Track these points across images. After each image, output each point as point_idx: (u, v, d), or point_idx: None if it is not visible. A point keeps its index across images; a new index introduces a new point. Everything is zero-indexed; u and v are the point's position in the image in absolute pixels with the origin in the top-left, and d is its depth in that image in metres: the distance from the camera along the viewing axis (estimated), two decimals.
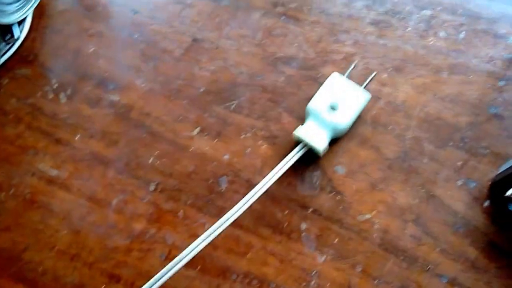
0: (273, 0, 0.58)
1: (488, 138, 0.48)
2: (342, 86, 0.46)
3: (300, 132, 0.45)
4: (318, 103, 0.45)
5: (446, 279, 0.43)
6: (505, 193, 0.43)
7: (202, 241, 0.42)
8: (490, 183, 0.46)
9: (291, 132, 0.50)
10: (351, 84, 0.46)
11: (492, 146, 0.48)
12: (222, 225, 0.43)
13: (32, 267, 0.46)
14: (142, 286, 0.43)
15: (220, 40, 0.56)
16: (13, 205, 0.49)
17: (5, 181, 0.50)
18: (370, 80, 0.46)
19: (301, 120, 0.50)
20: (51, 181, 0.50)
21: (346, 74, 0.46)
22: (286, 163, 0.44)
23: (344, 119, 0.45)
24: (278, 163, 0.45)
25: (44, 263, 0.46)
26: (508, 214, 0.44)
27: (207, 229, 0.43)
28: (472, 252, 0.43)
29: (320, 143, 0.44)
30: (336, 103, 0.45)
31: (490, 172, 0.46)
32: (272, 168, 0.45)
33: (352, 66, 0.46)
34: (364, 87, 0.47)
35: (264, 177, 0.44)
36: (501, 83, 0.50)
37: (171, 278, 0.43)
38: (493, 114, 0.49)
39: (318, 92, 0.46)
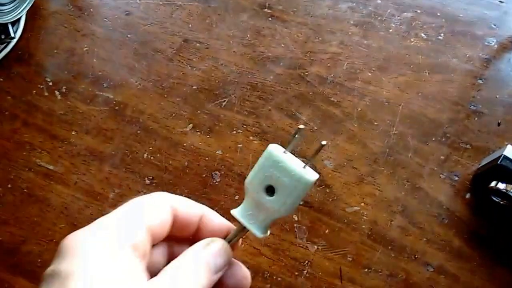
0: (260, 2, 0.57)
1: (469, 134, 0.48)
2: (282, 163, 0.29)
3: (237, 212, 0.32)
4: (254, 182, 0.31)
5: (433, 268, 0.42)
6: (487, 185, 0.42)
7: None
8: (471, 176, 0.46)
9: (281, 128, 0.49)
10: (293, 162, 0.29)
11: (473, 141, 0.48)
12: None
13: (30, 260, 0.45)
14: None
15: (210, 40, 0.55)
16: (11, 199, 0.48)
17: (3, 176, 0.49)
18: (316, 153, 0.29)
19: (290, 117, 0.50)
20: (48, 175, 0.48)
21: (289, 148, 0.29)
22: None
23: (281, 208, 0.30)
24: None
25: (43, 255, 0.45)
26: (491, 204, 0.44)
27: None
28: (456, 242, 0.43)
29: (258, 228, 0.31)
30: (273, 185, 0.30)
31: (472, 166, 0.46)
32: None
33: (294, 140, 0.29)
34: (308, 165, 0.29)
35: None
36: (480, 82, 0.51)
37: None
38: (473, 111, 0.49)
39: (255, 167, 0.31)
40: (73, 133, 0.50)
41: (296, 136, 0.29)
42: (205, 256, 0.31)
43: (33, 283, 0.44)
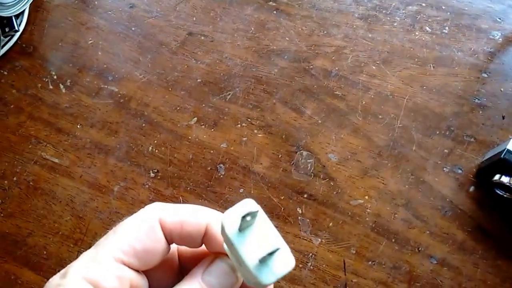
0: None
1: (473, 127, 0.48)
2: (236, 249, 0.23)
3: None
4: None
5: (436, 260, 0.43)
6: (490, 178, 0.43)
7: None
8: (475, 169, 0.46)
9: (286, 122, 0.50)
10: (249, 249, 0.23)
11: (477, 134, 0.48)
12: None
13: (36, 252, 0.46)
14: None
15: (214, 34, 0.56)
16: (17, 193, 0.48)
17: (9, 169, 0.49)
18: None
19: (295, 110, 0.50)
20: (53, 169, 0.49)
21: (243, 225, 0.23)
22: None
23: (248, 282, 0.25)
24: (274, 151, 0.44)
25: (48, 247, 0.46)
26: (494, 197, 0.44)
27: None
28: (460, 235, 0.44)
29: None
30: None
31: (475, 159, 0.47)
32: (268, 156, 0.44)
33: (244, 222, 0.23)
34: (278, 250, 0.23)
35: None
36: (484, 75, 0.51)
37: None
38: (477, 104, 0.50)
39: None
40: (78, 126, 0.51)
41: (248, 219, 0.22)
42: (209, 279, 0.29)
43: (39, 275, 0.45)
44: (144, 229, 0.28)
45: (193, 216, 0.29)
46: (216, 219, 0.29)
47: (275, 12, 0.57)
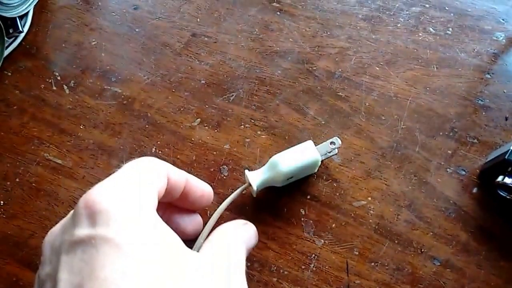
0: None
1: (476, 128, 0.49)
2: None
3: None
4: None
5: (439, 262, 0.43)
6: (494, 180, 0.43)
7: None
8: (479, 170, 0.46)
9: (289, 123, 0.50)
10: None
11: (480, 135, 0.48)
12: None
13: (38, 253, 0.46)
14: None
15: (218, 35, 0.56)
16: (19, 194, 0.49)
17: (11, 170, 0.50)
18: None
19: (298, 111, 0.51)
20: (56, 170, 0.50)
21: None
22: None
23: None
24: (277, 152, 0.45)
25: None
26: (498, 199, 0.45)
27: (210, 216, 0.43)
28: (463, 236, 0.44)
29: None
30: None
31: (479, 160, 0.47)
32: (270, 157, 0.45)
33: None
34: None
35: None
36: (488, 76, 0.51)
37: None
38: (481, 105, 0.50)
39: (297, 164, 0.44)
40: (81, 127, 0.52)
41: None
42: (243, 236, 0.35)
43: None
44: (162, 181, 0.33)
45: (177, 169, 0.36)
46: (190, 175, 0.37)
47: (278, 13, 0.57)
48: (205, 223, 0.43)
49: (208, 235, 0.37)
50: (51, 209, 0.48)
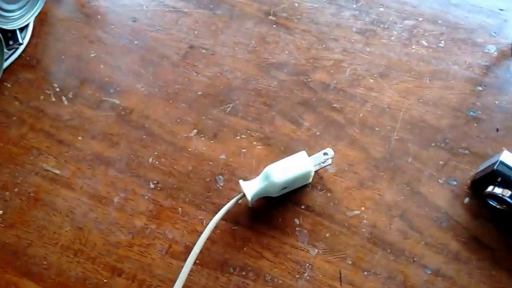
0: (265, 10, 0.59)
1: (468, 139, 0.49)
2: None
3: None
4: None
5: (431, 270, 0.44)
6: (484, 190, 0.44)
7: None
8: (470, 181, 0.47)
9: (285, 134, 0.51)
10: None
11: (471, 146, 0.49)
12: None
13: (36, 262, 0.47)
14: (143, 279, 0.44)
15: (215, 47, 0.57)
16: (18, 203, 0.49)
17: (10, 181, 0.51)
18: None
19: (293, 123, 0.51)
20: (54, 180, 0.50)
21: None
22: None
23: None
24: (273, 162, 0.45)
25: (48, 258, 0.47)
26: (488, 209, 0.45)
27: (206, 225, 0.44)
28: (454, 245, 0.45)
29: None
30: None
31: (470, 171, 0.48)
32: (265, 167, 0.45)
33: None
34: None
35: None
36: (479, 88, 0.52)
37: (171, 273, 0.44)
38: (472, 117, 0.51)
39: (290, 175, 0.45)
40: (79, 138, 0.52)
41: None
42: None
43: (39, 285, 0.46)
44: None
45: None
46: None
47: (274, 26, 0.58)
48: (200, 233, 0.43)
49: None
50: (48, 219, 0.48)
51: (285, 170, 0.44)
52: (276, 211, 0.47)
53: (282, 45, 0.57)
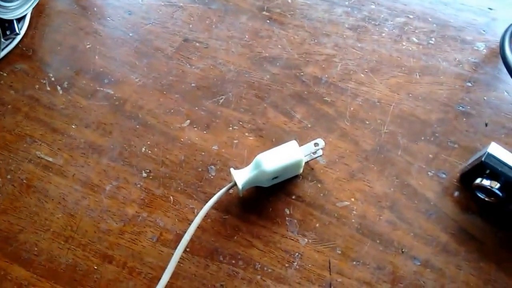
0: (259, 5, 0.58)
1: (457, 134, 0.48)
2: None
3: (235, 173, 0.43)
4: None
5: (419, 261, 0.42)
6: (473, 182, 0.43)
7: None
8: (459, 174, 0.46)
9: (276, 125, 0.49)
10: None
11: (460, 140, 0.48)
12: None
13: (27, 248, 0.45)
14: (134, 267, 0.43)
15: (209, 40, 0.56)
16: (10, 190, 0.48)
17: (3, 167, 0.49)
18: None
19: (285, 115, 0.50)
20: (47, 167, 0.49)
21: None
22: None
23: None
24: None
25: (39, 244, 0.45)
26: (477, 201, 0.44)
27: (197, 214, 0.42)
28: (443, 237, 0.43)
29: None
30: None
31: (459, 165, 0.47)
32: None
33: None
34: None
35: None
36: (468, 84, 0.51)
37: (162, 260, 0.43)
38: (461, 112, 0.49)
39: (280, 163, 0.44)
40: (73, 126, 0.51)
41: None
42: None
43: (29, 271, 0.44)
44: None
45: None
46: None
47: (268, 21, 0.57)
48: (191, 222, 0.42)
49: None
50: (40, 206, 0.47)
51: (275, 158, 0.43)
52: (266, 201, 0.45)
53: (275, 40, 0.55)
